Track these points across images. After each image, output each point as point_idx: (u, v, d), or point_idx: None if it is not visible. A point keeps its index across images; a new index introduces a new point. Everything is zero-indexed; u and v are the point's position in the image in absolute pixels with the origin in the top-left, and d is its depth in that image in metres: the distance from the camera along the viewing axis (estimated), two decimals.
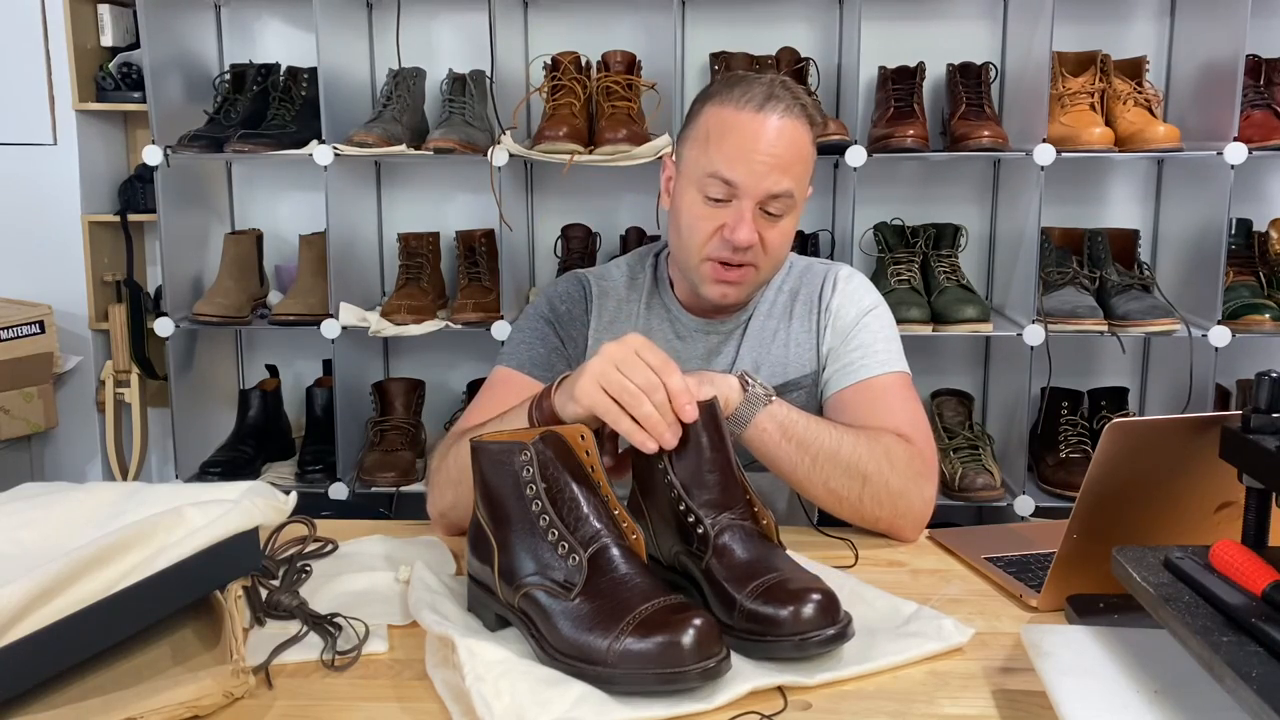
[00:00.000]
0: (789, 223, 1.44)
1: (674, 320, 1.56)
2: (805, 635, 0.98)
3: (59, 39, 2.65)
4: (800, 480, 1.34)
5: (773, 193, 1.39)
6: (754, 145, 1.39)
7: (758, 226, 1.40)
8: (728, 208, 1.40)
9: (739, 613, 1.00)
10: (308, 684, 1.00)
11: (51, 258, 2.72)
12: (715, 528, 1.06)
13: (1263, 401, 0.95)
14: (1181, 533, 1.06)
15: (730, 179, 1.39)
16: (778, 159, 1.39)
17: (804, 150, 1.42)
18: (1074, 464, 2.50)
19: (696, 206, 1.42)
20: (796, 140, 1.40)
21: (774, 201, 1.40)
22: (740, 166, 1.39)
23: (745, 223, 1.39)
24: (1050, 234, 2.60)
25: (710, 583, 1.05)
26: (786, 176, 1.39)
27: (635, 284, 1.60)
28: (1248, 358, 2.59)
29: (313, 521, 1.34)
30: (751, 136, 1.39)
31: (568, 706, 0.90)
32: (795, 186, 1.41)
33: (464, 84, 2.59)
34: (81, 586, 0.88)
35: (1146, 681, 0.88)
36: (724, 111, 1.41)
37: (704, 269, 1.45)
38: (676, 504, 1.09)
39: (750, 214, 1.39)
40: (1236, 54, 2.34)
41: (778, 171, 1.39)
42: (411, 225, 2.81)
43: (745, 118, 1.39)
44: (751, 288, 1.48)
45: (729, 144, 1.39)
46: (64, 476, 2.76)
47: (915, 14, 2.70)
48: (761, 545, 1.08)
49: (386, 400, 2.69)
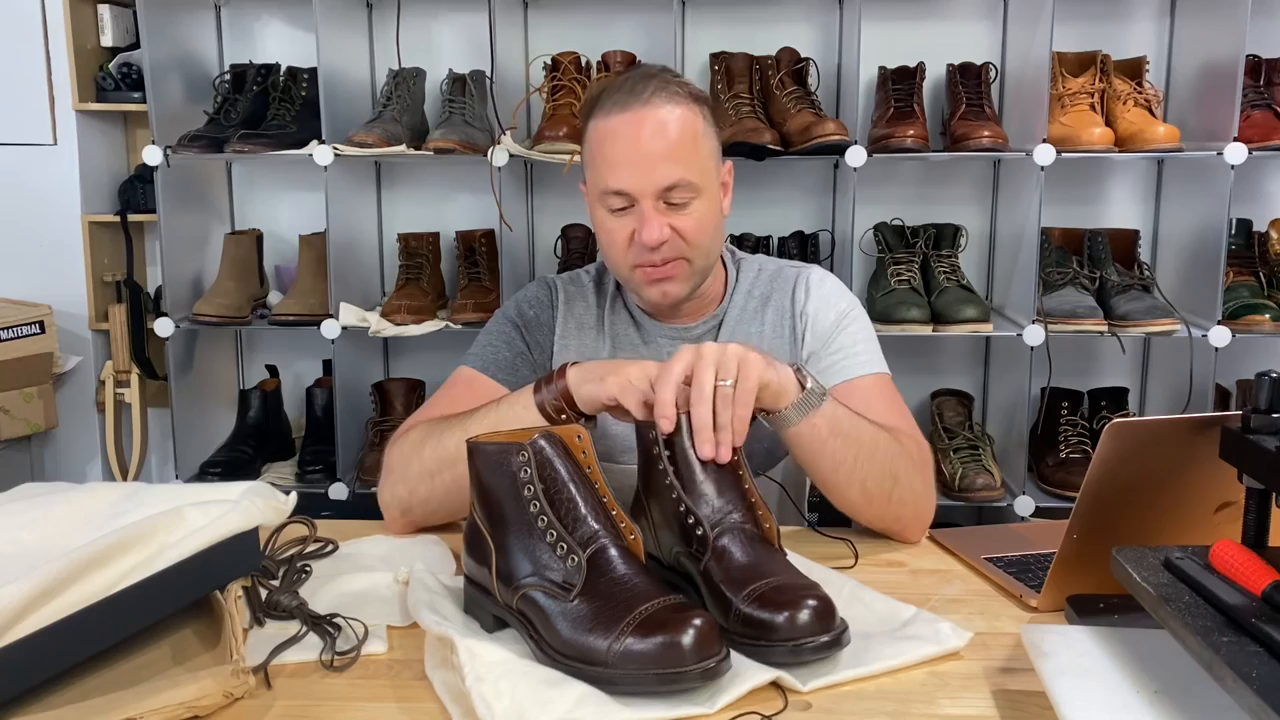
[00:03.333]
0: (703, 205, 1.42)
1: (639, 325, 1.56)
2: (800, 641, 0.97)
3: (59, 39, 2.64)
4: (839, 480, 1.29)
5: (664, 185, 1.39)
6: (631, 147, 1.39)
7: (667, 219, 1.40)
8: (632, 213, 1.41)
9: (734, 616, 1.00)
10: (307, 684, 1.00)
11: (51, 258, 2.72)
12: (715, 530, 1.06)
13: (1263, 401, 0.95)
14: (1181, 533, 1.06)
15: (620, 188, 1.40)
16: (659, 153, 1.38)
17: (688, 132, 1.40)
18: (1074, 464, 2.50)
19: (606, 221, 1.44)
20: (674, 125, 1.39)
21: (672, 192, 1.40)
22: (624, 172, 1.39)
23: (649, 222, 1.39)
24: (1050, 234, 2.60)
25: (708, 585, 1.05)
26: (675, 165, 1.39)
27: (602, 289, 1.60)
28: (1248, 358, 2.58)
29: (313, 522, 1.34)
30: (627, 140, 1.39)
31: (569, 707, 0.90)
32: (688, 171, 1.39)
33: (464, 84, 2.59)
34: (81, 586, 0.88)
35: (1146, 681, 0.88)
36: (599, 125, 1.42)
37: (635, 276, 1.45)
38: (677, 505, 1.09)
39: (652, 212, 1.39)
40: (1236, 54, 2.34)
41: (662, 163, 1.38)
42: (411, 225, 2.81)
43: (615, 123, 1.40)
44: (691, 279, 1.47)
45: (609, 154, 1.40)
46: (64, 476, 2.76)
47: (915, 14, 2.70)
48: (761, 549, 1.07)
49: (386, 400, 2.70)
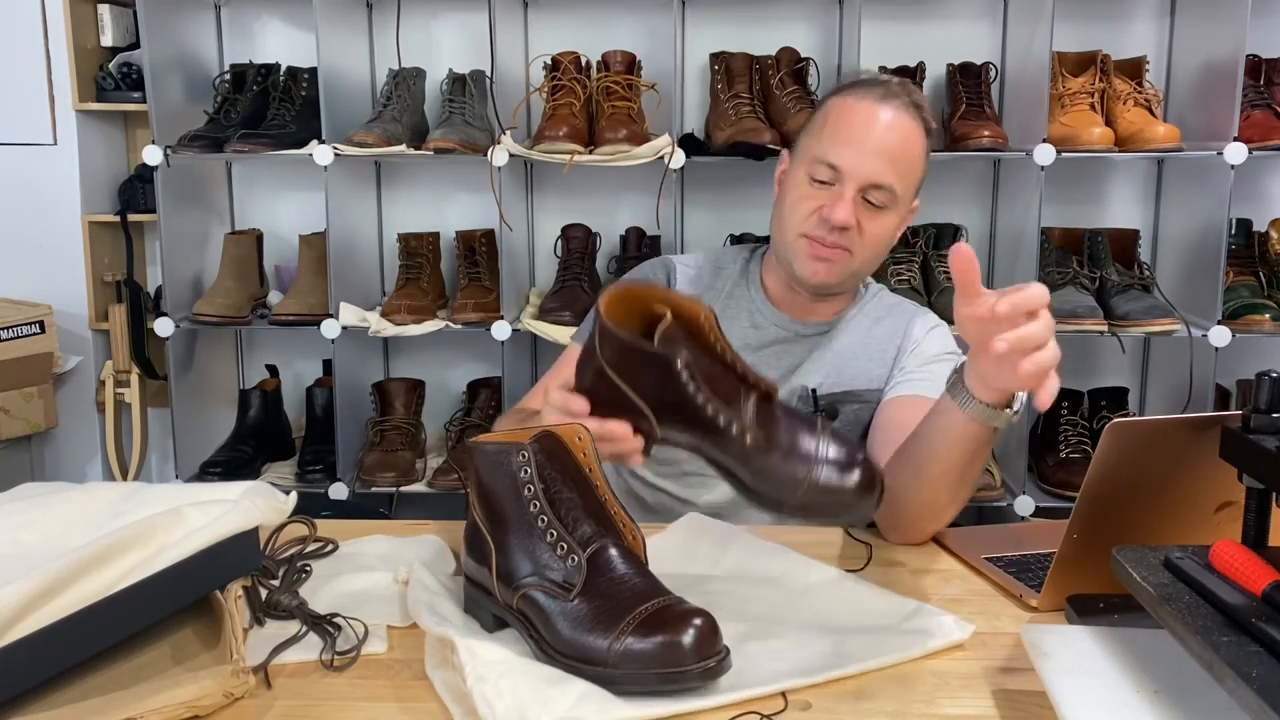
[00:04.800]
0: (889, 219, 1.48)
1: (753, 310, 1.60)
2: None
3: (59, 39, 2.64)
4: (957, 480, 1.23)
5: (874, 182, 1.44)
6: (864, 133, 1.44)
7: (857, 212, 1.45)
8: (830, 190, 1.46)
9: None
10: (307, 684, 1.00)
11: (51, 258, 2.72)
12: None
13: (1263, 401, 0.95)
14: (1181, 533, 1.06)
15: (835, 163, 1.44)
16: (883, 150, 1.44)
17: (913, 149, 1.47)
18: (1074, 464, 2.50)
19: (802, 187, 1.48)
20: (906, 137, 1.45)
21: (875, 192, 1.45)
22: (846, 152, 1.44)
23: (844, 202, 1.44)
24: (1050, 234, 2.60)
25: None
26: (890, 170, 1.44)
27: (721, 274, 1.65)
28: (1248, 358, 2.58)
29: (313, 521, 1.34)
30: (863, 125, 1.45)
31: (570, 705, 0.90)
32: (898, 183, 1.45)
33: (464, 84, 2.59)
34: (81, 586, 0.88)
35: (1146, 681, 0.88)
36: (844, 101, 1.48)
37: (799, 245, 1.49)
38: None
39: (850, 196, 1.45)
40: (1236, 54, 2.34)
41: (882, 161, 1.44)
42: (411, 225, 2.81)
43: (861, 107, 1.46)
44: (844, 272, 1.50)
45: (841, 130, 1.46)
46: (64, 476, 2.76)
47: (915, 14, 2.70)
48: None
49: (386, 400, 2.70)
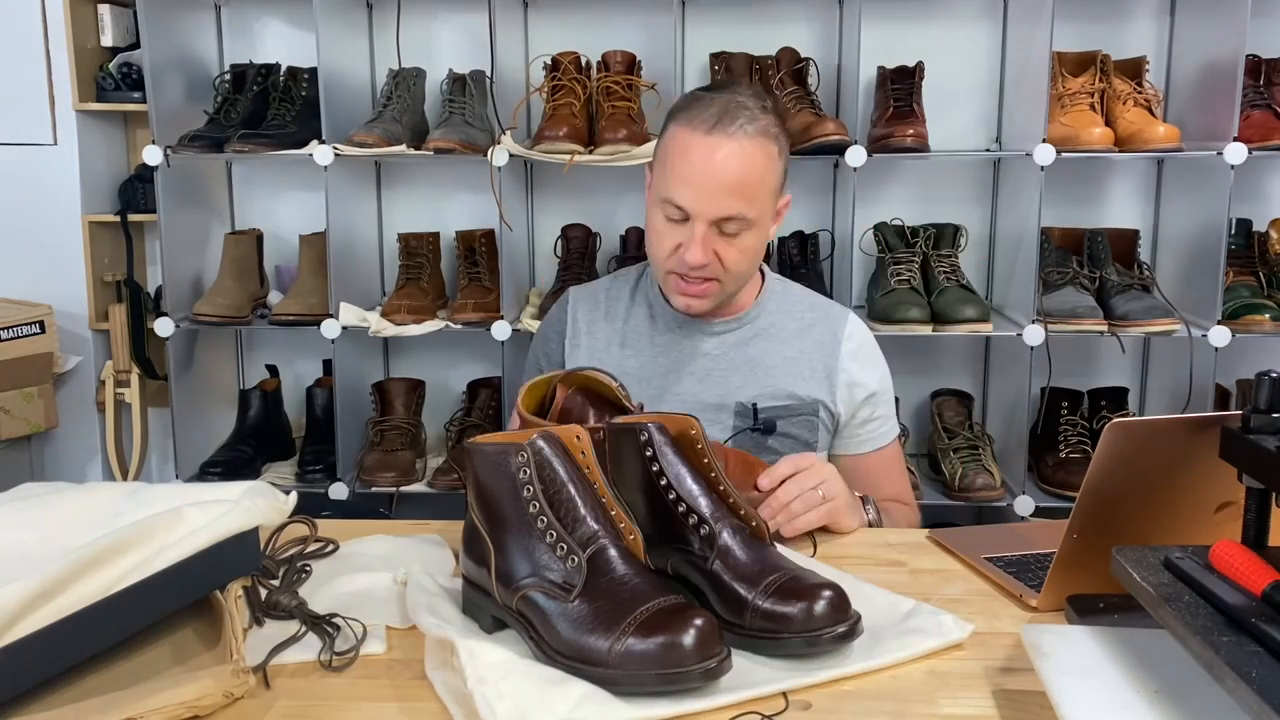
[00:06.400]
0: (750, 238, 1.50)
1: (651, 307, 1.65)
2: (817, 632, 0.99)
3: (59, 39, 2.64)
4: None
5: (722, 216, 1.46)
6: (704, 172, 1.45)
7: (714, 244, 1.48)
8: (684, 227, 1.48)
9: (752, 612, 1.02)
10: (307, 684, 1.00)
11: (51, 258, 2.71)
12: (718, 527, 1.07)
13: (1263, 401, 0.95)
14: (1181, 533, 1.06)
15: (680, 204, 1.46)
16: (724, 186, 1.45)
17: (756, 171, 1.47)
18: (1074, 464, 2.50)
19: (658, 223, 1.51)
20: (748, 163, 1.45)
21: (727, 223, 1.47)
22: (689, 192, 1.45)
23: (695, 244, 1.46)
24: (1050, 234, 2.60)
25: (715, 584, 1.06)
26: (737, 199, 1.45)
27: (619, 279, 1.72)
28: (1248, 358, 2.58)
29: (313, 521, 1.34)
30: (701, 164, 1.45)
31: (571, 706, 0.90)
32: (749, 208, 1.47)
33: (464, 84, 2.59)
34: (81, 586, 0.88)
35: (1146, 681, 0.88)
36: (681, 133, 1.48)
37: (669, 281, 1.54)
38: (675, 505, 1.09)
39: (701, 235, 1.46)
40: (1236, 54, 2.34)
41: (726, 195, 1.45)
42: (411, 225, 2.80)
43: (696, 141, 1.45)
44: (718, 297, 1.56)
45: (681, 168, 1.46)
46: (64, 476, 2.76)
47: (915, 14, 2.70)
48: (759, 545, 1.09)
49: (386, 400, 2.69)
